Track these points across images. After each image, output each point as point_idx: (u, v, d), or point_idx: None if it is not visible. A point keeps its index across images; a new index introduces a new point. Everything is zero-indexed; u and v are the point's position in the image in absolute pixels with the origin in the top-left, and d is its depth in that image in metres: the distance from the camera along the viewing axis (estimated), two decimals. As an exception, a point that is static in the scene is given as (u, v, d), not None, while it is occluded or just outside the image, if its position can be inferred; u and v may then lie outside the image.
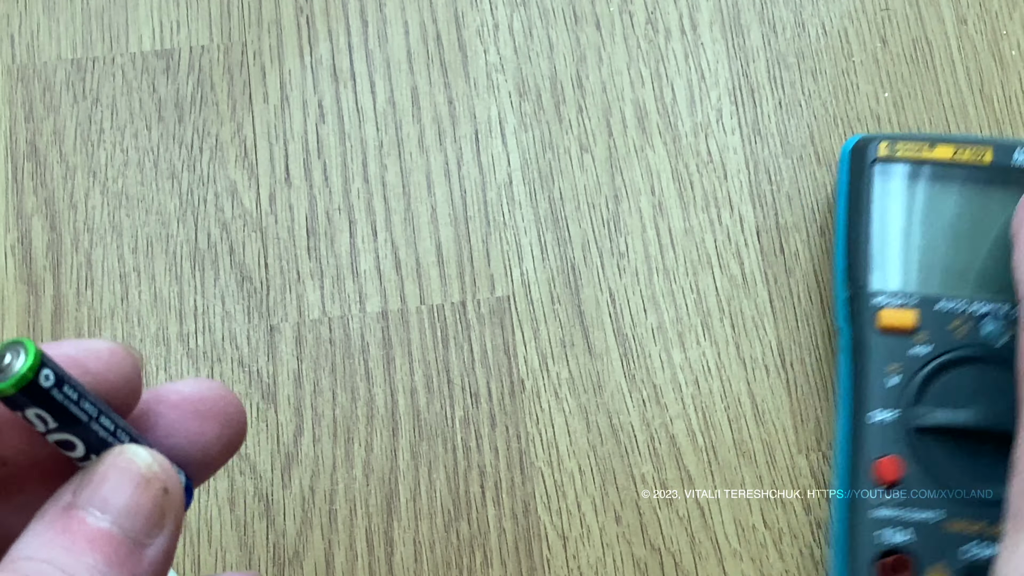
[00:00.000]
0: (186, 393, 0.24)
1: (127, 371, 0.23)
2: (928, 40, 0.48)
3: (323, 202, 0.45)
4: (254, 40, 0.47)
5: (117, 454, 0.22)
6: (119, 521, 0.21)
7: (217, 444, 0.24)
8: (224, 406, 0.24)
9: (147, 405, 0.24)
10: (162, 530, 0.21)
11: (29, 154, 0.45)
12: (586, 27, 0.48)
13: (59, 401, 0.21)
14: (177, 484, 0.22)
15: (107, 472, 0.21)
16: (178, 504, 0.22)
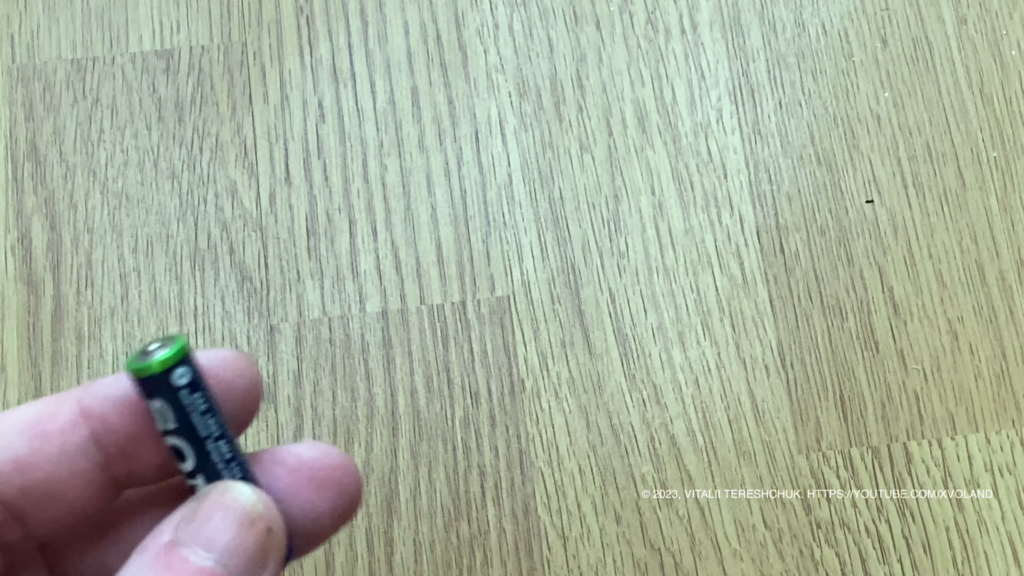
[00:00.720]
0: (305, 458, 0.23)
1: (251, 383, 0.23)
2: (928, 40, 0.48)
3: (323, 202, 0.45)
4: (254, 40, 0.47)
5: (222, 491, 0.21)
6: (223, 560, 0.20)
7: (330, 516, 0.23)
8: (342, 476, 0.23)
9: (263, 465, 0.23)
10: (264, 571, 0.21)
11: (29, 154, 0.45)
12: (586, 27, 0.47)
13: (185, 404, 0.21)
14: (280, 524, 0.21)
15: (212, 510, 0.21)
16: (281, 545, 0.21)
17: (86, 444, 0.21)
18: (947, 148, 0.46)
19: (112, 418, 0.21)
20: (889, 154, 0.46)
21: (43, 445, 0.21)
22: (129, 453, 0.22)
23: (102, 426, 0.21)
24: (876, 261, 0.45)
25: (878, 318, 0.44)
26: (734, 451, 0.43)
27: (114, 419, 0.21)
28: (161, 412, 0.21)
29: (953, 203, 0.46)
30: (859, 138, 0.46)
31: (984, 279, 0.45)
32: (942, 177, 0.46)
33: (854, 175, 0.46)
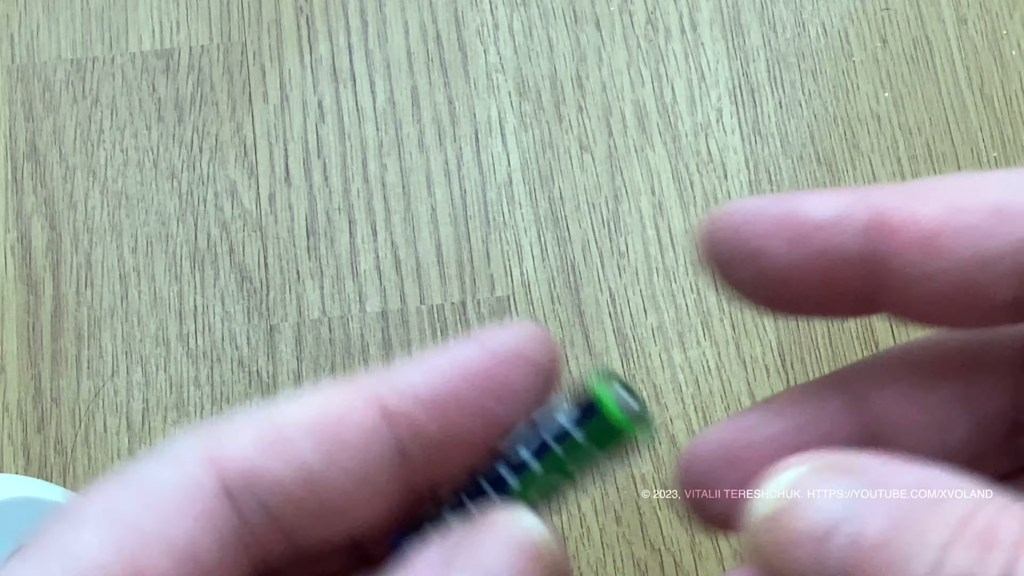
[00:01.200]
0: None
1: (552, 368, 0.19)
2: (928, 40, 0.48)
3: (323, 202, 0.45)
4: (254, 40, 0.47)
5: (507, 518, 0.18)
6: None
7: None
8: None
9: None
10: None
11: (29, 154, 0.45)
12: (586, 27, 0.47)
13: (571, 454, 0.18)
14: (566, 565, 0.18)
15: (491, 537, 0.17)
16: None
17: (390, 454, 0.17)
18: (947, 148, 0.46)
19: (423, 422, 0.17)
20: (889, 154, 0.46)
21: (340, 455, 0.17)
22: (435, 464, 0.18)
23: (409, 432, 0.18)
24: (876, 261, 0.45)
25: (878, 318, 0.44)
26: (734, 451, 0.43)
27: (426, 423, 0.18)
28: (532, 439, 0.18)
29: (953, 203, 0.46)
30: (859, 138, 0.46)
31: (984, 279, 0.45)
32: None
33: (854, 175, 0.46)
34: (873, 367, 0.21)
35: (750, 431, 0.20)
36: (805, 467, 0.17)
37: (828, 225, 0.18)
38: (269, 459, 0.17)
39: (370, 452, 0.17)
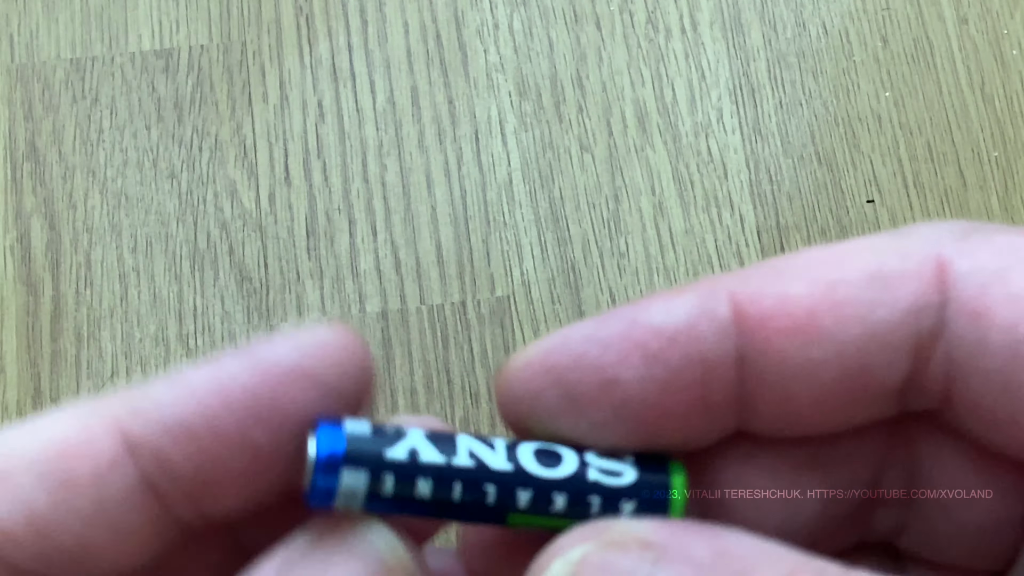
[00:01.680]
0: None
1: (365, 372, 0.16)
2: (929, 39, 0.48)
3: (323, 202, 0.45)
4: (253, 40, 0.47)
5: (352, 533, 0.16)
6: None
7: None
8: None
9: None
10: None
11: (28, 154, 0.45)
12: (586, 26, 0.47)
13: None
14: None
15: (335, 550, 0.15)
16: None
17: (132, 491, 0.15)
18: (948, 148, 0.46)
19: (170, 453, 0.15)
20: (890, 154, 0.46)
21: (71, 497, 0.15)
22: (201, 496, 0.15)
23: (155, 464, 0.15)
24: (877, 261, 0.45)
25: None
26: (734, 451, 0.43)
27: (173, 454, 0.15)
28: (572, 485, 0.16)
29: (954, 203, 0.46)
30: (860, 138, 0.46)
31: (985, 279, 0.45)
32: (943, 177, 0.46)
33: (855, 175, 0.46)
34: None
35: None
36: (590, 544, 0.15)
37: (685, 330, 0.16)
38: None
39: (107, 489, 0.15)
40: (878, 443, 0.18)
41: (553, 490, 0.16)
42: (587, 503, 0.16)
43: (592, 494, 0.16)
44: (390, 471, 0.15)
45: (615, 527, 0.15)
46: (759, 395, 0.16)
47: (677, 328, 0.16)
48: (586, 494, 0.16)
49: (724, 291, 0.16)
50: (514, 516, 0.16)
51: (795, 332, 0.15)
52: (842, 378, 0.16)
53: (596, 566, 0.14)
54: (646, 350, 0.16)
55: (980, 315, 0.15)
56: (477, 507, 0.16)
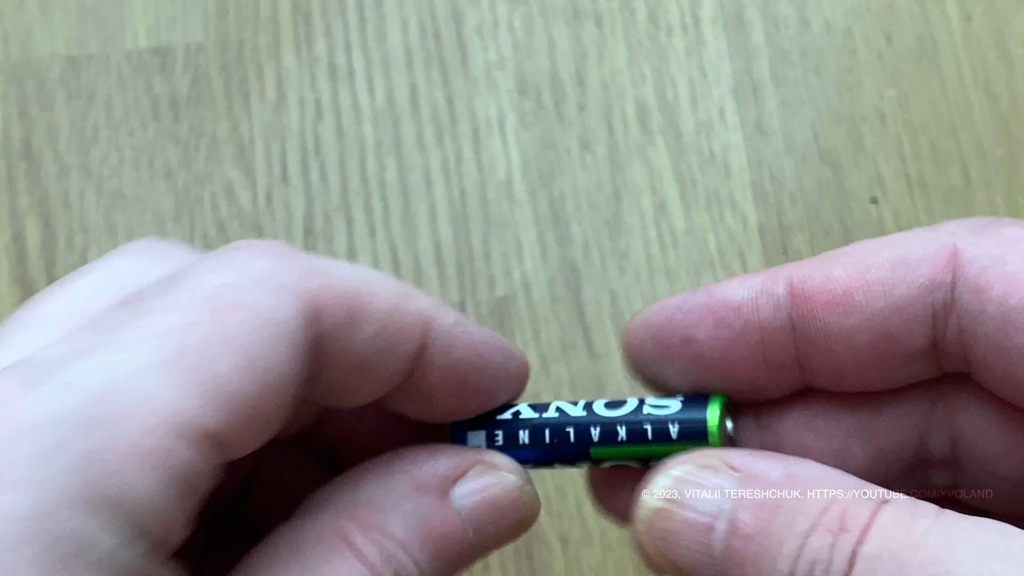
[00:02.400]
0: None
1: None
2: (933, 37, 0.47)
3: (320, 201, 0.45)
4: (251, 37, 0.47)
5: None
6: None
7: None
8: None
9: None
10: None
11: (23, 153, 0.45)
12: (587, 24, 0.47)
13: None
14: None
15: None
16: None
17: (303, 362, 0.18)
18: (952, 146, 0.46)
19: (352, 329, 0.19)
20: (893, 152, 0.46)
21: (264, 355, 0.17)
22: (348, 385, 0.20)
23: (334, 338, 0.18)
24: (880, 261, 0.45)
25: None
26: (736, 453, 0.42)
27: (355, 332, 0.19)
28: (633, 421, 0.21)
29: (958, 201, 0.46)
30: (863, 136, 0.46)
31: (989, 279, 0.45)
32: (947, 175, 0.46)
33: (858, 173, 0.46)
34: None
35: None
36: (688, 465, 0.19)
37: (748, 302, 0.20)
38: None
39: (289, 352, 0.17)
40: (922, 408, 0.21)
41: (617, 424, 0.21)
42: (643, 430, 0.21)
43: (645, 423, 0.21)
44: (499, 428, 0.22)
45: (709, 454, 0.19)
46: (812, 356, 0.20)
47: (742, 300, 0.20)
48: (641, 423, 0.21)
49: (783, 274, 0.20)
50: (595, 449, 0.21)
51: (834, 304, 0.20)
52: (873, 341, 0.20)
53: (692, 481, 0.19)
54: (716, 316, 0.21)
55: (980, 290, 0.19)
56: (564, 446, 0.21)
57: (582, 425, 0.21)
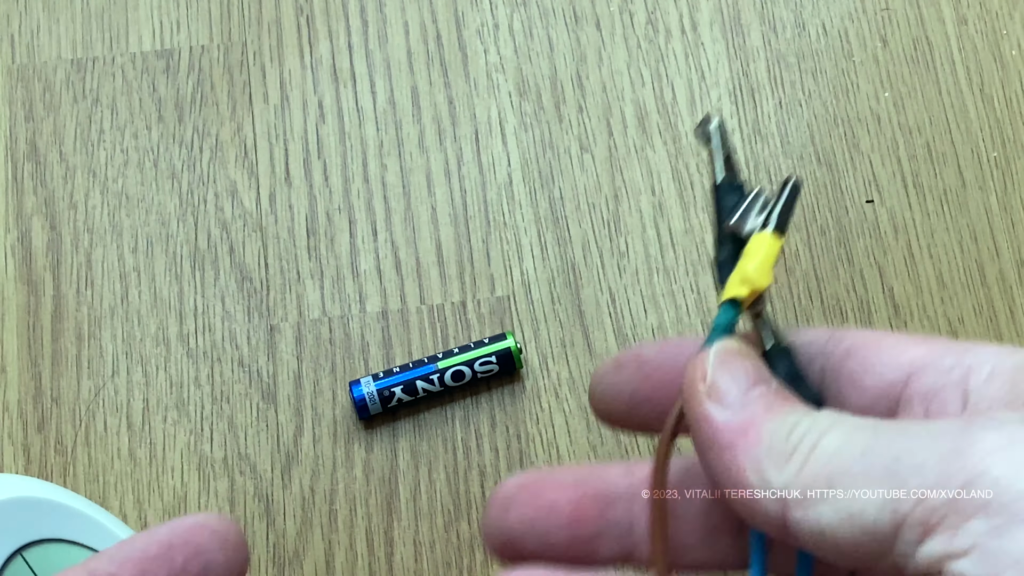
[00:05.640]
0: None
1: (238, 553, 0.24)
2: (928, 40, 0.48)
3: (323, 202, 0.45)
4: (254, 40, 0.47)
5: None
6: None
7: None
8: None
9: None
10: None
11: (29, 154, 0.45)
12: (586, 27, 0.47)
13: None
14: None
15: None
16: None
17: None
18: (947, 148, 0.46)
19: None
20: (889, 154, 0.46)
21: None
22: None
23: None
24: (876, 261, 0.45)
25: (878, 318, 0.44)
26: (734, 451, 0.43)
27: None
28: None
29: (953, 203, 0.46)
30: (859, 138, 0.46)
31: (984, 279, 0.45)
32: (942, 177, 0.46)
33: (854, 175, 0.46)
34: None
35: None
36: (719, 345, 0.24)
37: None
38: None
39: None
40: None
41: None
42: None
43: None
44: None
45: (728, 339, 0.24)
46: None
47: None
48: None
49: None
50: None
51: None
52: None
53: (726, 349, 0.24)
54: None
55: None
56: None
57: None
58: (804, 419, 0.22)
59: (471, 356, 0.42)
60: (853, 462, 0.21)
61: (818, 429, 0.22)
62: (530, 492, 0.26)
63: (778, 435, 0.22)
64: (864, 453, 0.21)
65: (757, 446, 0.22)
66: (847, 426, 0.22)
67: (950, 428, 0.20)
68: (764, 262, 0.24)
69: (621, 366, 0.27)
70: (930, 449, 0.20)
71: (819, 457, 0.21)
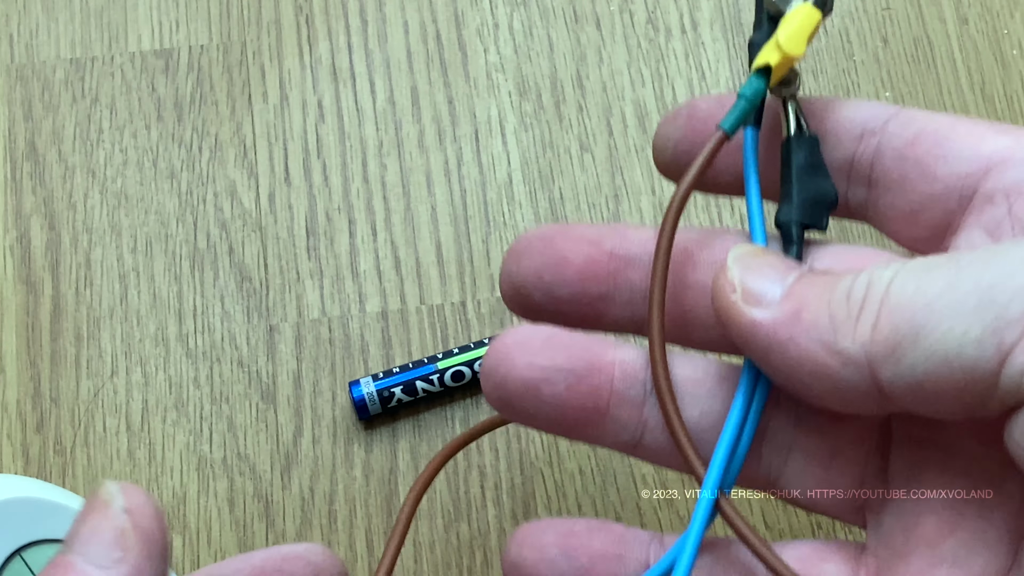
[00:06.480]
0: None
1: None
2: (929, 39, 0.48)
3: (323, 202, 0.45)
4: (253, 39, 0.47)
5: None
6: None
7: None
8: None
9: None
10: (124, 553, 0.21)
11: (28, 154, 0.45)
12: (586, 26, 0.47)
13: None
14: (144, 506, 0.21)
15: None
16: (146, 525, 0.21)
17: None
18: (948, 148, 0.46)
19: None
20: (890, 154, 0.46)
21: None
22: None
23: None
24: (877, 261, 0.45)
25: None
26: (735, 451, 0.43)
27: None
28: None
29: (954, 203, 0.46)
30: (860, 138, 0.46)
31: (985, 279, 0.45)
32: (943, 177, 0.46)
33: (855, 175, 0.46)
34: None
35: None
36: (737, 250, 0.23)
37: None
38: None
39: None
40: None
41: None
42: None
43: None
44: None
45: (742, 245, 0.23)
46: None
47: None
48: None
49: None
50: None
51: None
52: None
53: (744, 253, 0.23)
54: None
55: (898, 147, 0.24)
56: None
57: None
58: (859, 277, 0.20)
59: (471, 356, 0.42)
60: (937, 299, 0.19)
61: (883, 280, 0.20)
62: (544, 243, 0.25)
63: (836, 301, 0.20)
64: (950, 287, 0.19)
65: (818, 322, 0.20)
66: (916, 267, 0.20)
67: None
68: (799, 30, 0.22)
69: (676, 116, 0.26)
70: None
71: (894, 304, 0.19)
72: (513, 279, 0.26)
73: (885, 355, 0.19)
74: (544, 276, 0.25)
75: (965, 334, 0.18)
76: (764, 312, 0.21)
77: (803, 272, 0.22)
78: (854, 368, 0.20)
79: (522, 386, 0.24)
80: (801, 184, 0.23)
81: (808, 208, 0.23)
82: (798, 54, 0.23)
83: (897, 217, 0.23)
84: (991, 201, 0.21)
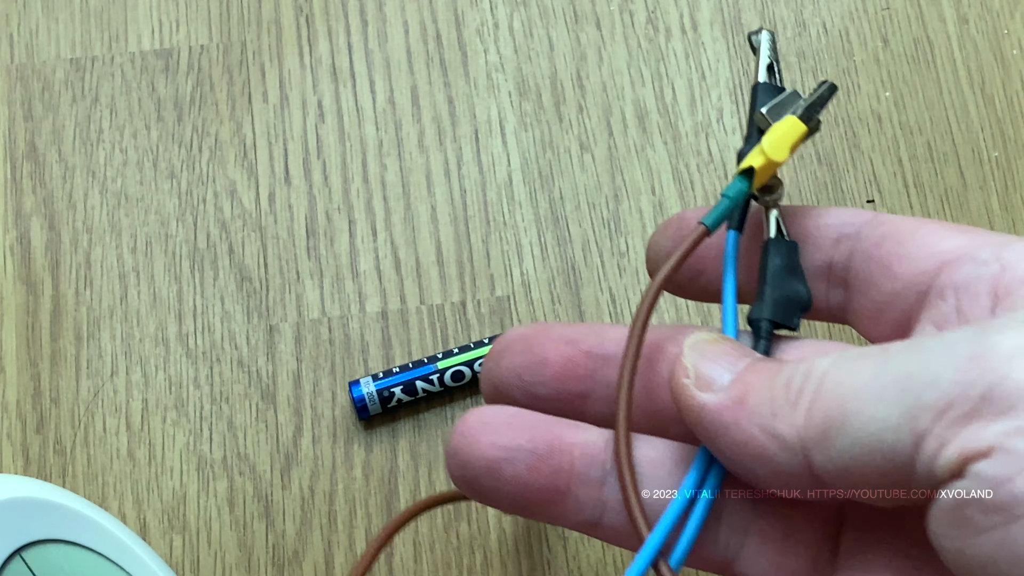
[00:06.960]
0: None
1: None
2: (929, 39, 0.48)
3: (323, 202, 0.45)
4: (253, 39, 0.47)
5: None
6: None
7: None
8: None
9: None
10: None
11: (28, 153, 0.45)
12: (586, 26, 0.47)
13: None
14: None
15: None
16: None
17: None
18: (948, 148, 0.46)
19: None
20: (890, 154, 0.46)
21: None
22: None
23: None
24: (877, 261, 0.45)
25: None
26: (735, 451, 0.43)
27: None
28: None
29: (954, 203, 0.46)
30: (860, 137, 0.46)
31: (985, 279, 0.45)
32: (943, 177, 0.46)
33: (855, 175, 0.46)
34: None
35: None
36: (696, 336, 0.24)
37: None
38: None
39: None
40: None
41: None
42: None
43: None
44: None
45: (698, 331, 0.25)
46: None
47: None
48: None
49: None
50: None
51: None
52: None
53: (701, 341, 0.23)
54: None
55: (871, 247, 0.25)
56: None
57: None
58: (800, 366, 0.21)
59: (471, 356, 0.42)
60: (864, 388, 0.20)
61: (819, 369, 0.21)
62: (524, 344, 0.25)
63: (778, 387, 0.21)
64: (875, 376, 0.20)
65: (760, 407, 0.21)
66: (850, 357, 0.21)
67: (965, 336, 0.19)
68: (783, 138, 0.24)
69: (666, 227, 0.26)
70: (945, 361, 0.19)
71: (827, 391, 0.20)
72: (493, 379, 0.26)
73: (817, 440, 0.20)
74: (524, 376, 0.25)
75: (885, 420, 0.19)
76: (712, 396, 0.22)
77: (754, 360, 0.22)
78: (790, 453, 0.20)
79: (485, 466, 0.24)
80: (775, 285, 0.24)
81: (780, 307, 0.25)
82: (780, 159, 0.24)
83: (866, 316, 0.24)
84: (941, 296, 0.22)
